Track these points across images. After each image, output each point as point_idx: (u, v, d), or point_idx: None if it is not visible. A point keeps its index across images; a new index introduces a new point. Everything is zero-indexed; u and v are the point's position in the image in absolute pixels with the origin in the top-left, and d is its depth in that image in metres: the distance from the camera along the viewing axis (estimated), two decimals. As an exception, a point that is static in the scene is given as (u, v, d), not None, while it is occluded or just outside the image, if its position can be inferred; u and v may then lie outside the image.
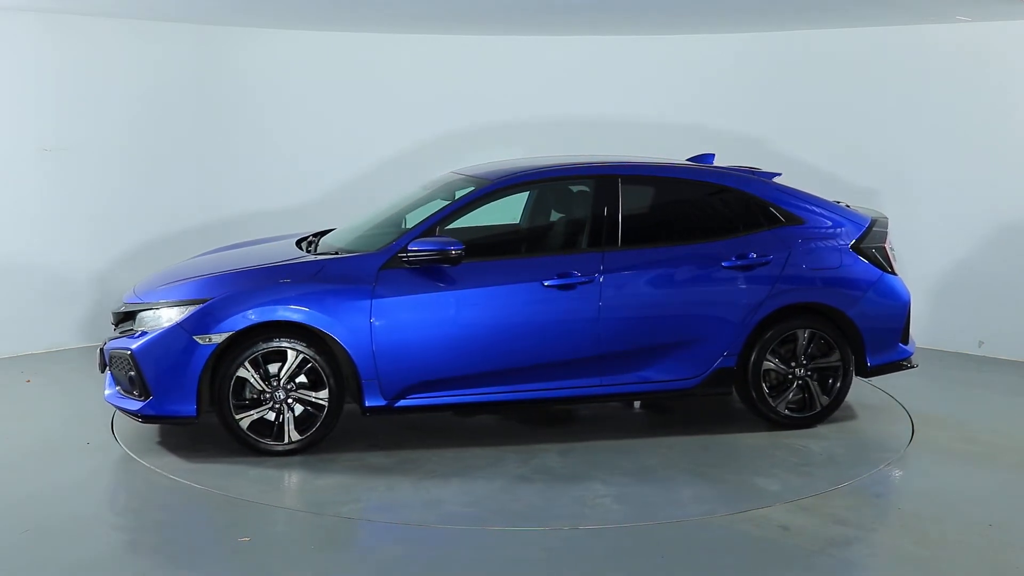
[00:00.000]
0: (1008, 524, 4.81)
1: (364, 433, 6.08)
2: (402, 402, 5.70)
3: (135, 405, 5.59)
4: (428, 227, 5.78)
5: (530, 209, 6.55)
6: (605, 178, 6.05)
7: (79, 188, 8.20)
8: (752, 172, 6.37)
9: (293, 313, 5.51)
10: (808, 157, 8.66)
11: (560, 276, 5.78)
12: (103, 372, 5.95)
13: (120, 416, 6.22)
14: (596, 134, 9.15)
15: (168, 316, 5.58)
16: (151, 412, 5.53)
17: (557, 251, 6.05)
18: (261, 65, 9.05)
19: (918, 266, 8.04)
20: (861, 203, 7.06)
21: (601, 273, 5.82)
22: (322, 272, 5.67)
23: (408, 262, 5.63)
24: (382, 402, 5.67)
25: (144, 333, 5.58)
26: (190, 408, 5.50)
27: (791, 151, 8.70)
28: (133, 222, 8.48)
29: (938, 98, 8.20)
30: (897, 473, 5.54)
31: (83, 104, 8.16)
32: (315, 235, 6.59)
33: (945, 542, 4.61)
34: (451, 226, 6.23)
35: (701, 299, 5.95)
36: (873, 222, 6.32)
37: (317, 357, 5.57)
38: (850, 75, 8.55)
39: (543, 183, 6.24)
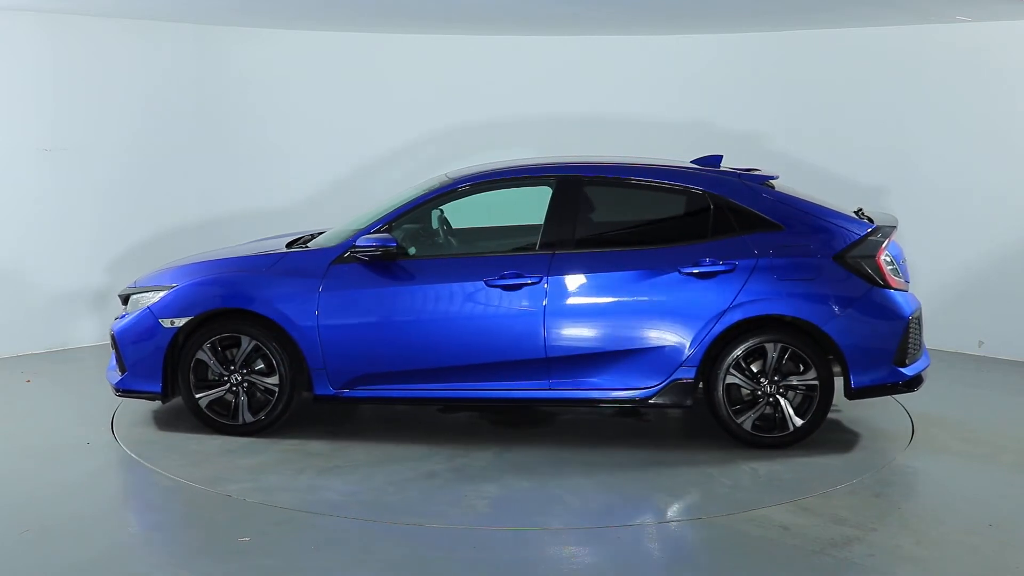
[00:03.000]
0: (1008, 524, 4.81)
1: (334, 420, 6.31)
2: (350, 392, 5.84)
3: (115, 379, 6.09)
4: (382, 224, 5.89)
5: (549, 209, 6.41)
6: (567, 178, 5.94)
7: (79, 188, 8.20)
8: (739, 174, 5.95)
9: (245, 301, 5.81)
10: (809, 157, 8.66)
11: (503, 276, 5.73)
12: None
13: (120, 416, 6.32)
14: (597, 133, 9.15)
15: (144, 301, 6.04)
16: (125, 387, 6.03)
17: (510, 251, 5.98)
18: (261, 65, 9.05)
19: (918, 266, 8.03)
20: (861, 204, 7.04)
21: (548, 275, 5.72)
22: (277, 265, 5.94)
23: (356, 258, 5.80)
24: (331, 391, 5.85)
25: (126, 315, 6.10)
26: (156, 386, 5.93)
27: (794, 151, 8.70)
28: (133, 222, 8.49)
29: (938, 98, 8.19)
30: (897, 473, 5.54)
31: (83, 104, 8.16)
32: (318, 234, 6.63)
33: (945, 542, 4.61)
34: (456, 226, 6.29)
35: (655, 306, 5.66)
36: (871, 231, 5.77)
37: (269, 344, 5.81)
38: (850, 75, 8.54)
39: (503, 183, 6.07)
